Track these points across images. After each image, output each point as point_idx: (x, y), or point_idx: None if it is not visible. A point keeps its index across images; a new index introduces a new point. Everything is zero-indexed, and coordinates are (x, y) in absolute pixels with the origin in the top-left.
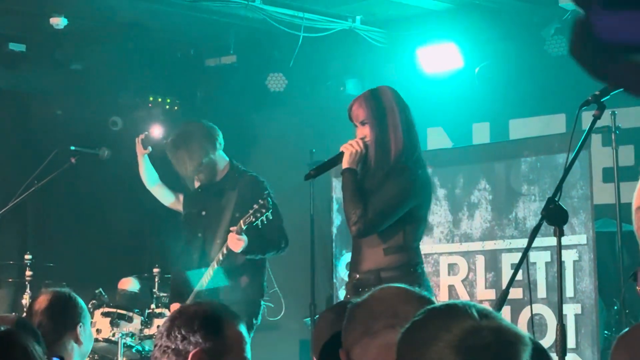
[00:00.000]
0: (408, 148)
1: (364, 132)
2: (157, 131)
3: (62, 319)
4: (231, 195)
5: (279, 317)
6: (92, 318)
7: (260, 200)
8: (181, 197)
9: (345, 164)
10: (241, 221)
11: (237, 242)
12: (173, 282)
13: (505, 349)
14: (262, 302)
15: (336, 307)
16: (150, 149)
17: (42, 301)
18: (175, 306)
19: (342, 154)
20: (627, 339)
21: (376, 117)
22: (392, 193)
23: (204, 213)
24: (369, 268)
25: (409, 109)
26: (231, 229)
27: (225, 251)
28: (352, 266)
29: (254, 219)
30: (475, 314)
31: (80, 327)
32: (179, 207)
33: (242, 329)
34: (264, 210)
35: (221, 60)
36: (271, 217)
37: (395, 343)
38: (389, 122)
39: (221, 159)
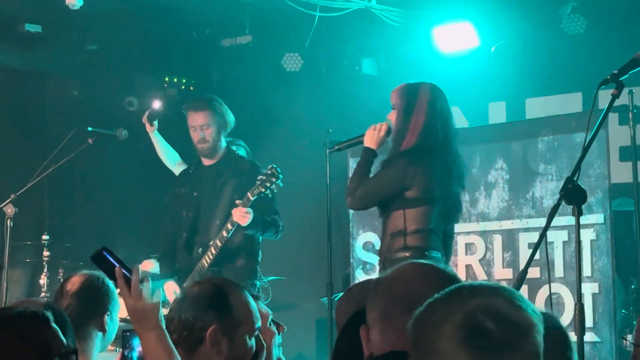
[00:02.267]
0: (421, 143)
1: (392, 116)
2: (157, 104)
3: (91, 305)
4: (230, 178)
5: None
6: None
7: (267, 171)
8: None
9: (365, 142)
10: (248, 193)
11: (244, 216)
12: (162, 264)
13: (507, 331)
14: (257, 283)
15: (363, 284)
16: (156, 124)
17: (75, 283)
18: (170, 285)
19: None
20: None
21: (404, 108)
22: (382, 175)
23: (195, 194)
24: (381, 252)
25: (445, 108)
26: (237, 202)
27: (230, 227)
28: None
29: (263, 189)
30: (475, 297)
31: (107, 315)
32: None
33: (246, 295)
34: (273, 179)
35: (237, 40)
36: (232, 193)
37: None
38: (412, 118)
39: (223, 141)
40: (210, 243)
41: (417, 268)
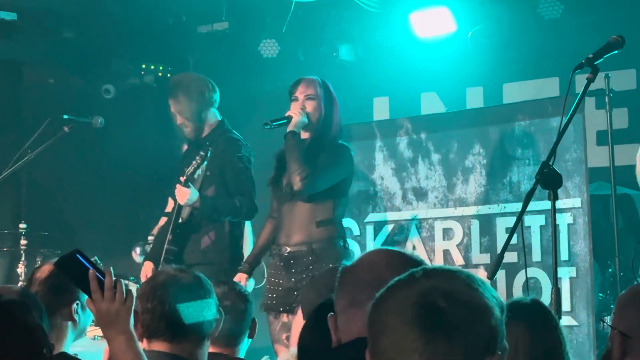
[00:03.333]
0: (341, 132)
1: (307, 105)
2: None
3: (60, 293)
4: (207, 154)
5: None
6: None
7: (201, 152)
8: None
9: (291, 127)
10: (186, 172)
11: (181, 193)
12: (155, 241)
13: (459, 311)
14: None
15: (328, 272)
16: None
17: (44, 271)
18: (148, 265)
19: (290, 117)
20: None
21: (325, 99)
22: (331, 161)
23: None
24: (301, 240)
25: None
26: (181, 178)
27: (174, 205)
28: (282, 239)
29: (192, 169)
30: (431, 278)
31: (76, 304)
32: None
33: None
34: (199, 161)
35: (213, 26)
36: (206, 170)
37: None
38: (334, 107)
39: (212, 115)
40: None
41: (385, 255)
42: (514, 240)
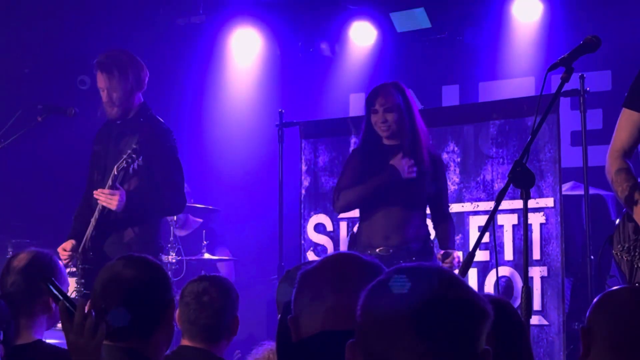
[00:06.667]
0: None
1: (387, 117)
2: None
3: (37, 282)
4: (131, 140)
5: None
6: None
7: (134, 145)
8: None
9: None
10: (115, 167)
11: (109, 199)
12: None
13: (464, 322)
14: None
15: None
16: None
17: (22, 259)
18: (69, 244)
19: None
20: (607, 302)
21: (405, 106)
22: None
23: (104, 154)
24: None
25: None
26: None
27: (100, 206)
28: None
29: (125, 165)
30: (438, 283)
31: None
32: None
33: None
34: (134, 156)
35: (191, 19)
36: (142, 164)
37: (343, 306)
38: (414, 111)
39: (138, 97)
40: (93, 217)
41: (345, 257)
42: (486, 239)
